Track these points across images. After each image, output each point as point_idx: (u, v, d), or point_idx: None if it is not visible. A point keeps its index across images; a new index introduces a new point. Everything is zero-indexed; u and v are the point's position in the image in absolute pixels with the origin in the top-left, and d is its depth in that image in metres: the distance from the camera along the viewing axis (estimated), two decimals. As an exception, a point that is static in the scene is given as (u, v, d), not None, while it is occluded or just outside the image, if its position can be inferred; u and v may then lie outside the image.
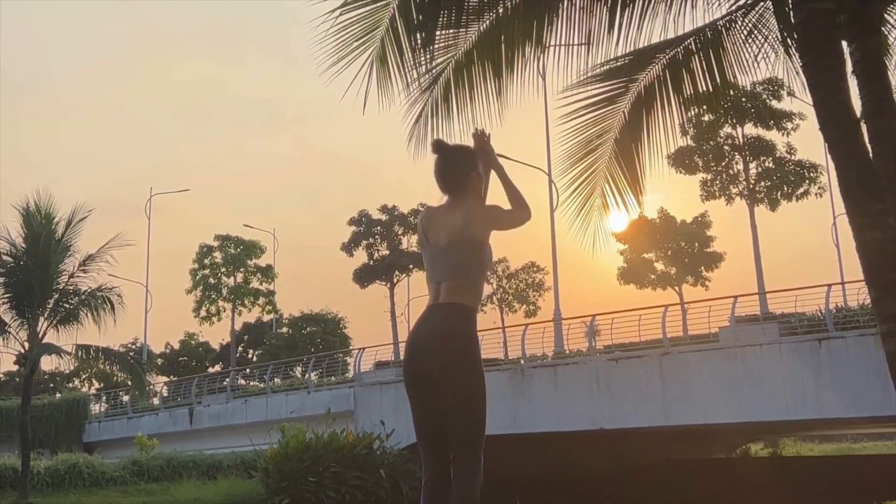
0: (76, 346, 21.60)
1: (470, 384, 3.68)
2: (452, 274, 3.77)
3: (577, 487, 21.08)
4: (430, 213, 3.95)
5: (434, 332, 3.72)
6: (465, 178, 3.91)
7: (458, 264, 3.77)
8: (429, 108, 7.36)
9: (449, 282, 3.77)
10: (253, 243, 56.19)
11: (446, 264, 3.79)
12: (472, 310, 3.78)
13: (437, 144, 4.01)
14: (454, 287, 3.76)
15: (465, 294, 3.76)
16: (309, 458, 20.14)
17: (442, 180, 3.93)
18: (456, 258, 3.77)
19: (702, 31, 7.47)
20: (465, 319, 3.73)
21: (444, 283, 3.77)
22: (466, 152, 4.02)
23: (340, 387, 27.36)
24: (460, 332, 3.70)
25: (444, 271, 3.79)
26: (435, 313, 3.78)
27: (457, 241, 3.78)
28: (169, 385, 41.28)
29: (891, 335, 5.50)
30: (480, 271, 3.84)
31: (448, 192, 3.92)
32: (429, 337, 3.73)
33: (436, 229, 3.87)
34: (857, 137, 5.78)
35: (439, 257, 3.82)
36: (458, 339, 3.68)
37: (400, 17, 6.73)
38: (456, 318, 3.72)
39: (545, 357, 25.30)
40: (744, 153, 36.72)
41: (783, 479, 23.33)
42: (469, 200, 3.86)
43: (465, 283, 3.78)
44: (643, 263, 42.39)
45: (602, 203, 8.02)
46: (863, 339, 15.79)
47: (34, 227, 20.77)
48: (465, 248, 3.78)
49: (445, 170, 3.93)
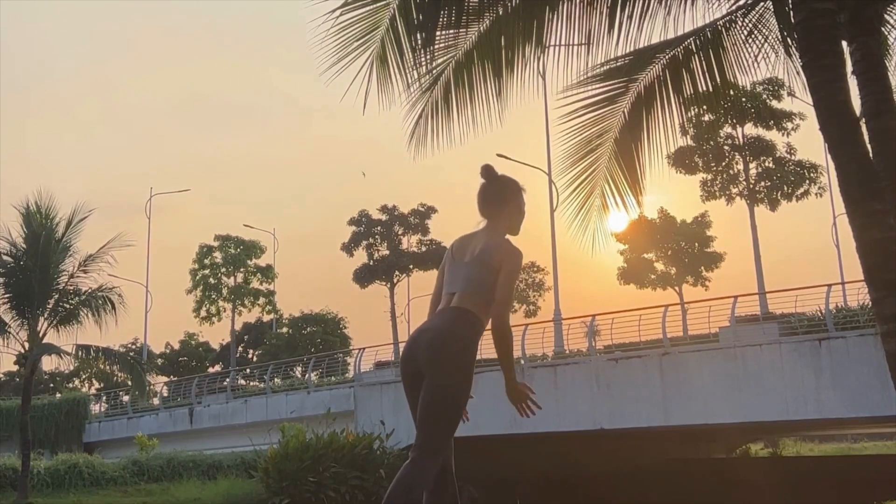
0: (76, 346, 21.63)
1: (447, 381, 3.64)
2: (467, 285, 3.81)
3: (578, 487, 21.09)
4: (462, 238, 4.01)
5: (431, 330, 3.77)
6: (502, 207, 3.97)
7: (475, 279, 3.80)
8: (429, 109, 7.37)
9: (462, 292, 3.81)
10: (253, 243, 56.19)
11: (464, 277, 3.84)
12: (475, 317, 3.77)
13: (486, 170, 4.03)
14: (466, 296, 3.80)
15: (474, 303, 3.78)
16: (309, 459, 20.12)
17: (481, 203, 4.00)
18: (475, 273, 3.81)
19: (702, 31, 7.47)
20: (465, 322, 3.74)
21: (458, 294, 3.82)
22: (511, 184, 4.04)
23: (340, 387, 27.36)
24: (454, 333, 3.70)
25: (460, 283, 3.84)
26: (439, 315, 3.84)
27: (478, 260, 3.83)
28: (169, 385, 41.28)
29: (891, 335, 5.50)
30: (492, 293, 3.79)
31: (485, 216, 4.00)
32: (425, 334, 3.76)
33: (463, 249, 3.94)
34: (858, 137, 5.78)
35: (459, 270, 3.88)
36: (451, 338, 3.69)
37: (400, 18, 6.73)
38: (457, 320, 3.74)
39: (545, 357, 25.29)
40: (744, 153, 36.72)
41: (783, 479, 23.33)
42: (501, 230, 3.94)
43: (478, 296, 3.79)
44: (643, 263, 42.37)
45: (602, 203, 8.02)
46: (863, 339, 15.79)
47: (34, 227, 20.76)
48: (485, 267, 3.80)
49: (487, 195, 3.99)
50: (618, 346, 21.27)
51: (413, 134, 7.40)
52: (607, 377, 19.56)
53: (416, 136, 7.40)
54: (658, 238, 41.69)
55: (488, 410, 22.20)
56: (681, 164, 36.52)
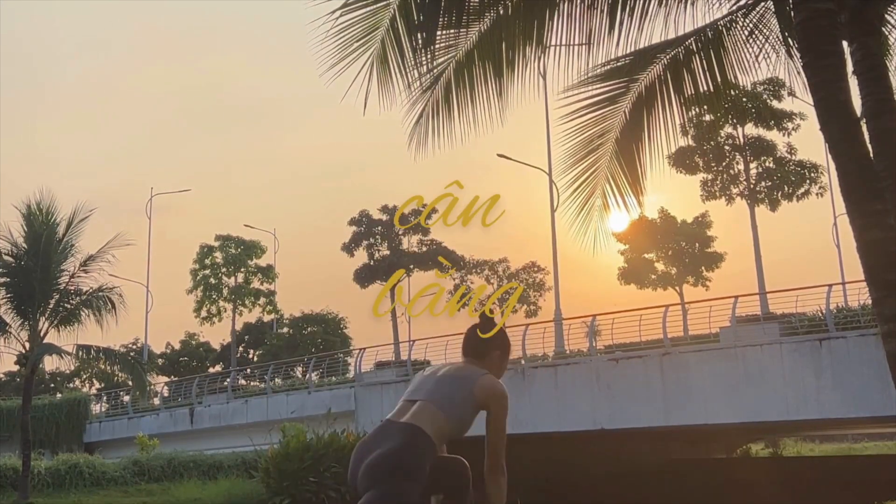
0: (77, 346, 21.63)
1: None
2: (433, 397, 3.48)
3: (578, 487, 21.08)
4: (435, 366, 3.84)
5: (374, 459, 3.33)
6: (487, 352, 3.75)
7: (445, 394, 3.48)
8: (430, 109, 7.38)
9: (424, 403, 3.47)
10: (253, 243, 56.19)
11: (432, 389, 3.53)
12: (428, 439, 3.36)
13: (484, 319, 3.83)
14: (424, 410, 3.43)
15: (430, 422, 3.40)
16: (310, 459, 20.12)
17: (466, 345, 3.80)
18: (447, 388, 3.51)
19: (702, 31, 7.47)
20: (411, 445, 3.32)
21: (419, 403, 3.47)
22: (502, 338, 3.84)
23: (341, 387, 27.37)
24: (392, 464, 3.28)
25: (427, 393, 3.51)
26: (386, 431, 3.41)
27: (454, 378, 3.56)
28: (170, 385, 41.30)
29: (891, 335, 5.50)
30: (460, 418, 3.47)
31: (466, 356, 3.78)
32: (367, 463, 3.34)
33: (437, 369, 3.71)
34: (858, 137, 5.78)
35: (429, 382, 3.59)
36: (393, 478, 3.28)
37: (400, 18, 6.74)
38: (402, 444, 3.32)
39: (546, 357, 25.29)
40: (744, 153, 36.75)
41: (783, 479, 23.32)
42: (484, 367, 3.68)
43: (439, 413, 3.43)
44: (644, 263, 42.39)
45: (603, 203, 8.03)
46: (863, 340, 15.79)
47: (35, 227, 20.78)
48: (458, 389, 3.51)
49: (475, 340, 3.79)
50: (618, 346, 21.28)
51: (413, 134, 7.41)
52: (608, 377, 19.56)
53: (416, 135, 7.40)
54: (659, 238, 41.71)
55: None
56: (681, 164, 36.54)
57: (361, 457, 3.37)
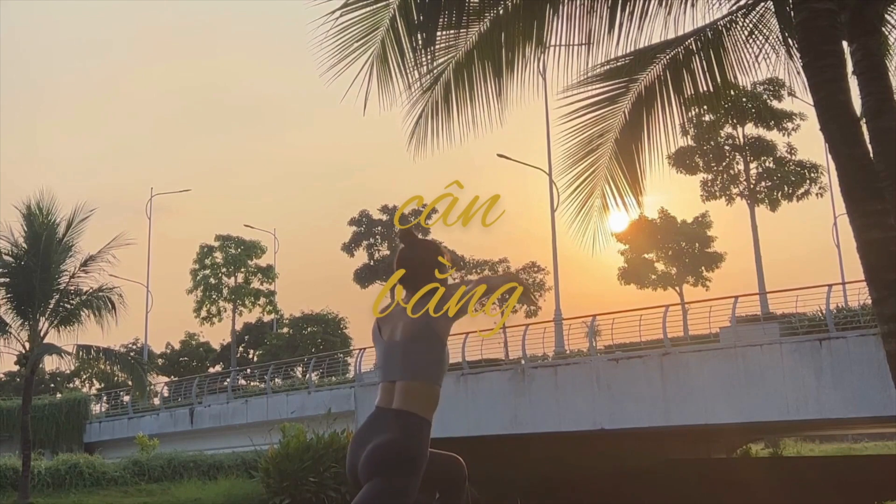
0: (77, 346, 21.61)
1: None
2: (409, 374, 3.39)
3: (578, 487, 21.08)
4: (386, 310, 3.58)
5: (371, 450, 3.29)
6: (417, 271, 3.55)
7: (419, 363, 3.39)
8: (429, 109, 7.39)
9: (404, 382, 3.38)
10: (253, 243, 56.18)
11: (403, 363, 3.41)
12: (423, 421, 3.33)
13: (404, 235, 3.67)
14: (409, 390, 3.36)
15: (419, 400, 3.34)
16: (310, 459, 20.12)
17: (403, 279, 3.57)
18: (415, 356, 3.40)
19: (702, 31, 7.48)
20: (410, 434, 3.29)
21: (400, 384, 3.39)
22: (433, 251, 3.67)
23: (341, 387, 27.37)
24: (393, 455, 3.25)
25: (400, 370, 3.41)
26: (380, 420, 3.37)
27: (415, 340, 3.41)
28: (170, 385, 41.28)
29: (891, 335, 5.51)
30: (439, 372, 3.43)
31: (406, 290, 3.56)
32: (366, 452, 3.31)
33: (393, 322, 3.50)
34: (858, 137, 5.79)
35: (395, 353, 3.44)
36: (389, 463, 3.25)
37: (400, 18, 6.74)
38: (400, 433, 3.28)
39: (546, 357, 25.29)
40: (744, 153, 36.74)
41: (783, 479, 23.32)
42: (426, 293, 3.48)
43: (423, 387, 3.37)
44: (644, 263, 42.38)
45: (602, 203, 8.04)
46: (863, 340, 15.78)
47: (35, 227, 20.78)
48: (424, 344, 3.41)
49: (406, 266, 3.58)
50: (618, 347, 21.26)
51: (413, 134, 7.42)
52: (608, 377, 19.55)
53: (416, 135, 7.41)
54: (659, 238, 41.70)
55: (488, 410, 22.28)
56: (681, 165, 36.53)
57: (359, 447, 3.35)
